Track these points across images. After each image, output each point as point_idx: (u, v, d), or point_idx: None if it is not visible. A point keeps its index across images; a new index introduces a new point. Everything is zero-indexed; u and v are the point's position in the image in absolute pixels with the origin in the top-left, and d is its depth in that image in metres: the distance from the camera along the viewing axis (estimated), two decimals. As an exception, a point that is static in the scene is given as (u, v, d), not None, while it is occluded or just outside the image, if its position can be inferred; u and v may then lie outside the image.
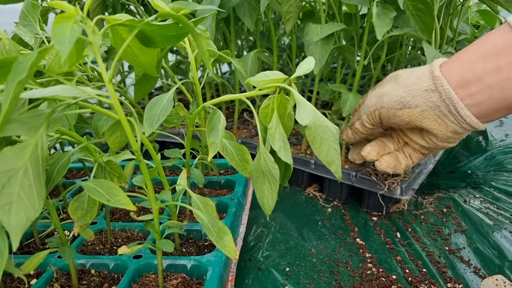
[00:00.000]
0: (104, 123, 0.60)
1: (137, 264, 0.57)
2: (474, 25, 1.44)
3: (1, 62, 0.32)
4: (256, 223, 0.86)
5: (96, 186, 0.43)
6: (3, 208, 0.30)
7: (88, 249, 0.64)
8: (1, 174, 0.31)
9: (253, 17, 0.95)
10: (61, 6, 0.36)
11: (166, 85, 1.41)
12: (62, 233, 0.50)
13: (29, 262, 0.45)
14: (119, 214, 0.77)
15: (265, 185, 0.46)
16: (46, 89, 0.35)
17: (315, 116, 0.43)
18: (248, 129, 1.21)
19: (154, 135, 0.90)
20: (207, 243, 0.67)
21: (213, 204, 0.53)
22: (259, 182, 0.47)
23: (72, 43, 0.31)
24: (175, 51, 1.34)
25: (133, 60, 0.48)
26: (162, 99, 0.54)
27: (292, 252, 0.76)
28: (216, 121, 0.48)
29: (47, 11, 1.02)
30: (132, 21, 0.40)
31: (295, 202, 0.96)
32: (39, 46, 0.63)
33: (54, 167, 0.45)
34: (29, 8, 0.65)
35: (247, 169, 0.55)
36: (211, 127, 0.48)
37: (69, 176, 0.97)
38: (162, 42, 0.44)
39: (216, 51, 0.67)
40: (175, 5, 0.60)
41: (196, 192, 0.80)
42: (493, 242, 0.78)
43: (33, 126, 0.35)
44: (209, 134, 0.48)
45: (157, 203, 0.48)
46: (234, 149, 0.56)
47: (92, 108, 0.42)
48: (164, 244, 0.48)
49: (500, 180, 1.05)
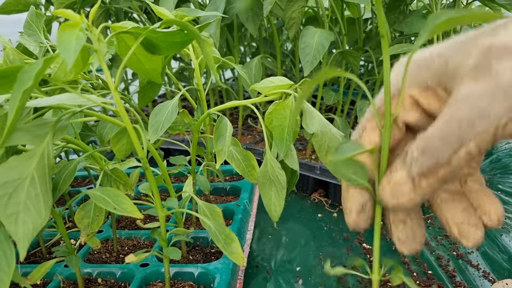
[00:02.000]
0: (109, 130, 0.60)
1: (144, 272, 0.57)
2: (477, 28, 1.43)
3: (5, 72, 0.32)
4: (263, 230, 0.85)
5: (102, 194, 0.43)
6: (10, 218, 0.30)
7: (95, 258, 0.64)
8: (7, 184, 0.30)
9: (256, 23, 0.95)
10: (66, 15, 0.36)
11: (170, 92, 1.41)
12: (68, 242, 0.50)
13: (36, 271, 0.45)
14: (125, 222, 0.77)
15: (272, 191, 0.46)
16: (52, 98, 0.35)
17: (322, 123, 0.43)
18: (252, 135, 1.20)
19: (159, 142, 0.90)
20: (213, 250, 0.66)
21: (220, 211, 0.53)
22: (266, 189, 0.47)
23: (77, 52, 0.30)
24: (178, 58, 1.34)
25: (139, 68, 0.48)
26: (167, 106, 0.53)
27: (299, 257, 0.75)
28: (223, 129, 0.48)
29: (51, 20, 1.02)
30: (137, 28, 0.40)
31: (301, 208, 0.96)
32: (43, 55, 0.63)
33: (60, 175, 0.44)
34: (33, 18, 0.65)
35: (254, 176, 0.55)
36: (218, 135, 0.48)
37: (74, 185, 0.97)
38: (167, 49, 0.44)
39: (219, 57, 0.67)
40: (179, 12, 0.60)
41: (202, 199, 0.79)
42: (501, 246, 0.77)
43: (39, 135, 0.35)
44: (216, 141, 0.48)
45: (164, 211, 0.47)
46: (240, 155, 0.55)
47: (98, 116, 0.41)
48: (171, 251, 0.48)
49: (507, 183, 1.04)
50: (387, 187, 0.35)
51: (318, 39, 0.79)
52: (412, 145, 0.34)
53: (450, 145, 0.32)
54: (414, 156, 0.33)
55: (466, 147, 0.31)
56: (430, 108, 0.35)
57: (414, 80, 0.36)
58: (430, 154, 0.32)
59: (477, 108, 0.30)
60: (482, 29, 0.33)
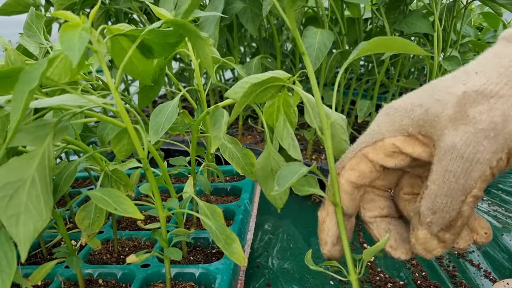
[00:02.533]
0: (109, 131, 0.60)
1: (145, 273, 0.57)
2: (477, 27, 1.44)
3: (6, 73, 0.32)
4: (263, 230, 0.85)
5: (103, 195, 0.43)
6: (11, 219, 0.30)
7: (96, 259, 0.64)
8: (8, 185, 0.30)
9: (256, 23, 0.95)
10: (65, 16, 0.36)
11: (170, 93, 1.41)
12: (69, 243, 0.50)
13: (36, 272, 0.45)
14: (125, 222, 0.77)
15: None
16: (53, 99, 0.35)
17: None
18: (252, 135, 1.20)
19: (159, 143, 0.90)
20: (214, 250, 0.66)
21: (221, 211, 0.53)
22: (269, 181, 0.46)
23: (82, 50, 0.31)
24: (178, 59, 1.34)
25: (132, 70, 0.48)
26: (167, 107, 0.53)
27: (300, 258, 0.75)
28: (219, 117, 0.48)
29: (51, 21, 1.03)
30: (133, 30, 0.40)
31: (302, 208, 0.96)
32: (43, 56, 0.63)
33: (61, 176, 0.44)
34: (33, 19, 0.65)
35: (254, 174, 0.55)
36: (214, 122, 0.48)
37: (75, 185, 0.97)
38: (160, 53, 0.43)
39: (219, 57, 0.67)
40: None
41: (203, 199, 0.79)
42: (502, 245, 0.77)
43: (39, 136, 0.35)
44: (212, 128, 0.48)
45: (165, 211, 0.48)
46: (239, 154, 0.56)
47: (98, 117, 0.41)
48: (172, 252, 0.48)
49: (508, 183, 1.04)
50: (418, 247, 0.38)
51: (320, 39, 0.79)
52: (422, 206, 0.36)
53: (456, 198, 0.34)
54: (427, 220, 0.36)
55: (471, 194, 0.33)
56: (414, 154, 0.37)
57: (395, 128, 0.38)
58: (442, 213, 0.35)
59: (465, 157, 0.32)
60: (456, 72, 0.35)
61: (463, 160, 0.32)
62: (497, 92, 0.31)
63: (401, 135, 0.37)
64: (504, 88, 0.30)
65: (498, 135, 0.30)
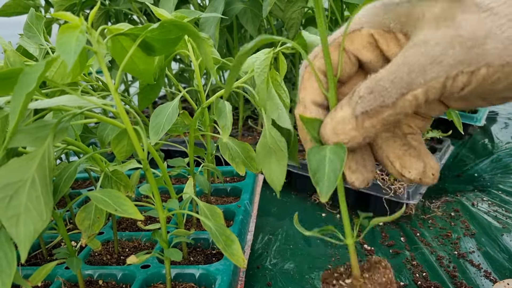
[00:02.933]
0: (109, 132, 0.60)
1: (145, 274, 0.57)
2: None
3: (6, 74, 0.32)
4: (263, 231, 0.85)
5: (103, 196, 0.43)
6: (11, 220, 0.30)
7: (96, 260, 0.64)
8: (8, 186, 0.30)
9: (256, 24, 0.95)
10: (65, 17, 0.36)
11: (170, 94, 1.41)
12: (69, 244, 0.50)
13: (36, 273, 0.45)
14: (125, 223, 0.77)
15: (273, 160, 0.44)
16: (52, 100, 0.35)
17: None
18: (252, 136, 1.20)
19: (159, 144, 0.90)
20: (214, 251, 0.66)
21: (221, 212, 0.53)
22: (267, 160, 0.45)
23: (77, 54, 0.31)
24: (178, 60, 1.34)
25: (133, 69, 0.48)
26: (167, 108, 0.53)
27: (300, 259, 0.75)
28: (222, 107, 0.49)
29: (50, 22, 1.03)
30: (134, 29, 0.40)
31: (302, 209, 0.96)
32: (43, 57, 0.63)
33: (61, 177, 0.44)
34: (33, 20, 0.65)
35: (254, 166, 0.55)
36: (219, 113, 0.48)
37: (74, 186, 0.97)
38: (161, 50, 0.43)
39: (219, 58, 0.67)
40: (178, 14, 0.60)
41: (203, 200, 0.79)
42: (502, 245, 0.77)
43: (39, 137, 0.35)
44: (218, 118, 0.48)
45: (165, 212, 0.48)
46: (238, 148, 0.56)
47: (98, 117, 0.42)
48: (172, 253, 0.48)
49: (508, 183, 1.04)
50: (329, 124, 0.35)
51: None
52: (361, 84, 0.33)
53: (398, 88, 0.31)
54: (360, 95, 0.33)
55: (413, 92, 0.31)
56: (388, 52, 0.35)
57: (377, 20, 0.35)
58: (377, 95, 0.32)
59: (430, 54, 0.30)
60: None
61: (426, 56, 0.30)
62: (492, 8, 0.29)
63: (381, 29, 0.35)
64: (501, 7, 0.29)
65: (473, 47, 0.29)
